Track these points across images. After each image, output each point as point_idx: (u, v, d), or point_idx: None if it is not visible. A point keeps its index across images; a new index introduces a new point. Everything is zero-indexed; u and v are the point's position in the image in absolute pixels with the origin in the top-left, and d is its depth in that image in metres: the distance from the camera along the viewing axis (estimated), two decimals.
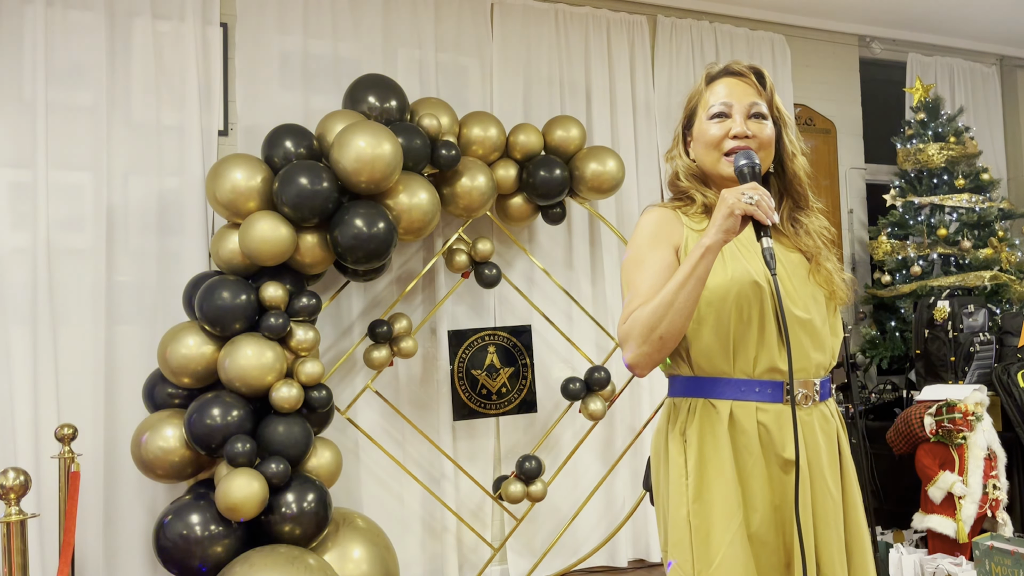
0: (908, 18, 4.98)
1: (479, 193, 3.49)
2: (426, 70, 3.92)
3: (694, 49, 4.56)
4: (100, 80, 3.37)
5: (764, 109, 1.61)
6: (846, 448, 1.63)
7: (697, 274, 1.43)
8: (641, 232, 1.63)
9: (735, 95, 1.61)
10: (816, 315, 1.58)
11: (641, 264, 1.57)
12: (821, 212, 1.71)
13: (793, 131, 1.66)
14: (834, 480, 1.57)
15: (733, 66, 1.65)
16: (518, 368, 3.81)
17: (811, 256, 1.63)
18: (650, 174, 4.37)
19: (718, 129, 1.60)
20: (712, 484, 1.53)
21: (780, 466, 1.53)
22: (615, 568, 4.05)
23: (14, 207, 3.26)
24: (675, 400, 1.64)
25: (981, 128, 5.37)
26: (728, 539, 1.49)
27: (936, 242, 4.52)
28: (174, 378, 3.07)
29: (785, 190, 1.68)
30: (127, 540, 3.32)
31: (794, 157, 1.65)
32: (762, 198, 1.42)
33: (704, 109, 1.64)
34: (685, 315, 1.45)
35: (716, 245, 1.43)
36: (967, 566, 3.18)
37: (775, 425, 1.53)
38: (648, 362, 1.50)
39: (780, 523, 1.53)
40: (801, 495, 1.50)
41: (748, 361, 1.54)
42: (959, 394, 3.44)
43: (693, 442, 1.56)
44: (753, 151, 1.55)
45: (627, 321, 1.51)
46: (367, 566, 3.13)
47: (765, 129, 1.60)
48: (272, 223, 3.03)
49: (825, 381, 1.63)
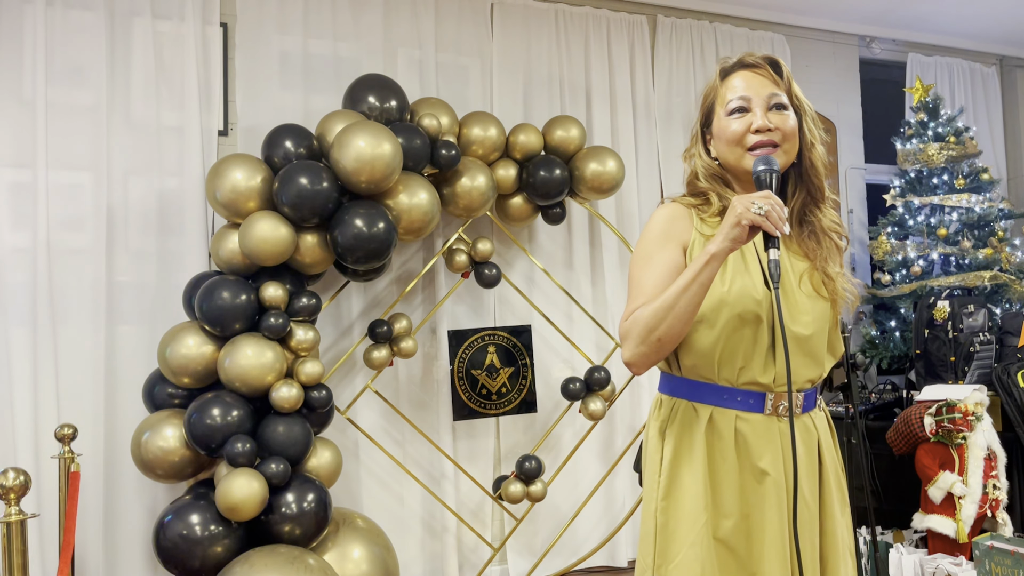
0: (908, 18, 4.98)
1: (479, 193, 3.49)
2: (426, 70, 3.92)
3: (694, 49, 4.56)
4: (100, 80, 3.37)
5: (784, 99, 1.57)
6: (827, 458, 1.62)
7: (700, 280, 1.42)
8: (652, 228, 1.60)
9: (753, 88, 1.57)
10: (816, 331, 1.57)
11: (648, 261, 1.56)
12: (834, 206, 1.68)
13: (812, 120, 1.61)
14: (811, 490, 1.57)
15: (747, 58, 1.61)
16: (518, 368, 3.81)
17: (816, 263, 1.61)
18: (650, 174, 4.37)
19: (739, 124, 1.56)
20: (683, 484, 1.54)
21: (754, 476, 1.53)
22: (615, 568, 4.05)
23: (14, 207, 3.26)
24: (662, 396, 1.65)
25: (981, 128, 5.37)
26: (691, 540, 1.50)
27: (936, 242, 4.52)
28: (174, 378, 3.07)
29: (800, 180, 1.63)
30: (127, 540, 3.32)
31: (812, 147, 1.60)
32: (773, 208, 1.39)
33: (722, 105, 1.60)
34: (685, 320, 1.45)
35: (722, 253, 1.42)
36: (967, 566, 3.18)
37: (753, 435, 1.53)
38: (645, 362, 1.50)
39: (748, 531, 1.53)
40: (778, 504, 1.51)
41: (733, 371, 1.54)
42: (959, 394, 3.43)
43: (670, 441, 1.57)
44: (774, 155, 1.52)
45: (628, 319, 1.51)
46: (367, 566, 3.13)
47: (788, 120, 1.56)
48: (272, 223, 3.03)
49: (810, 393, 1.61)
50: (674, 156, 4.42)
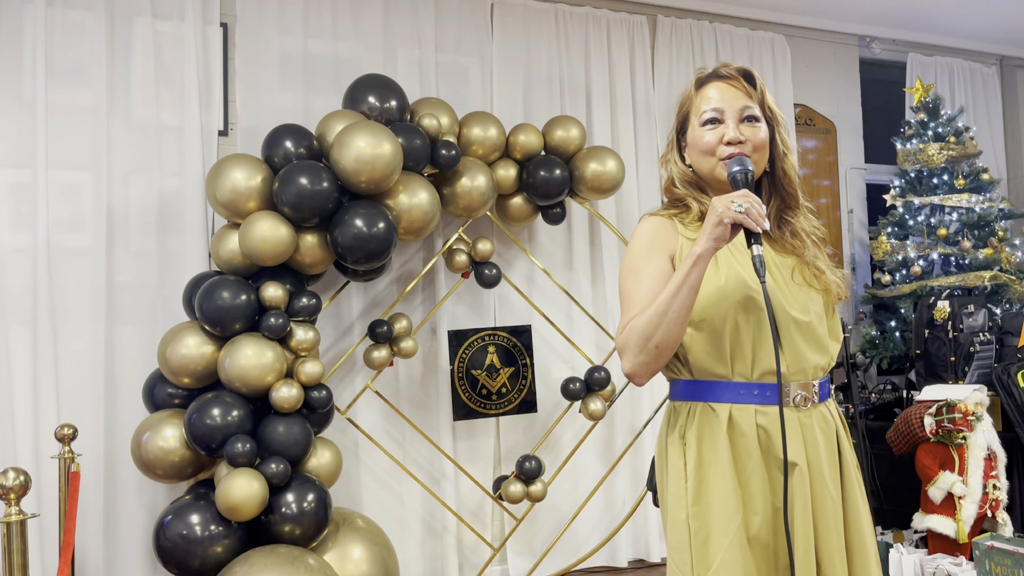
0: (908, 18, 4.98)
1: (479, 193, 3.49)
2: (426, 70, 3.92)
3: (694, 49, 4.56)
4: (100, 80, 3.37)
5: (756, 111, 1.61)
6: (846, 448, 1.63)
7: (689, 282, 1.44)
8: (637, 242, 1.64)
9: (726, 100, 1.61)
10: (814, 317, 1.59)
11: (637, 274, 1.59)
12: (811, 212, 1.71)
13: (785, 130, 1.66)
14: (833, 481, 1.57)
15: (721, 70, 1.66)
16: (518, 368, 3.81)
17: (801, 256, 1.63)
18: (650, 174, 4.37)
19: (712, 136, 1.60)
20: (711, 487, 1.53)
21: (779, 468, 1.53)
22: (615, 568, 4.05)
23: (14, 207, 3.26)
24: (675, 404, 1.64)
25: (981, 128, 5.37)
26: (727, 542, 1.49)
27: (936, 242, 4.52)
28: (174, 378, 3.07)
29: (775, 189, 1.67)
30: (127, 540, 3.32)
31: (785, 156, 1.65)
32: (752, 205, 1.42)
33: (696, 115, 1.64)
34: (679, 324, 1.46)
35: (707, 253, 1.44)
36: (967, 566, 3.18)
37: (774, 427, 1.53)
38: (646, 371, 1.51)
39: (779, 525, 1.53)
40: (801, 496, 1.51)
41: (746, 364, 1.55)
42: (959, 394, 3.43)
43: (692, 445, 1.56)
44: (747, 157, 1.56)
45: (624, 331, 1.53)
46: (367, 566, 3.13)
47: (759, 132, 1.60)
48: (272, 223, 3.03)
49: (824, 382, 1.63)
50: None
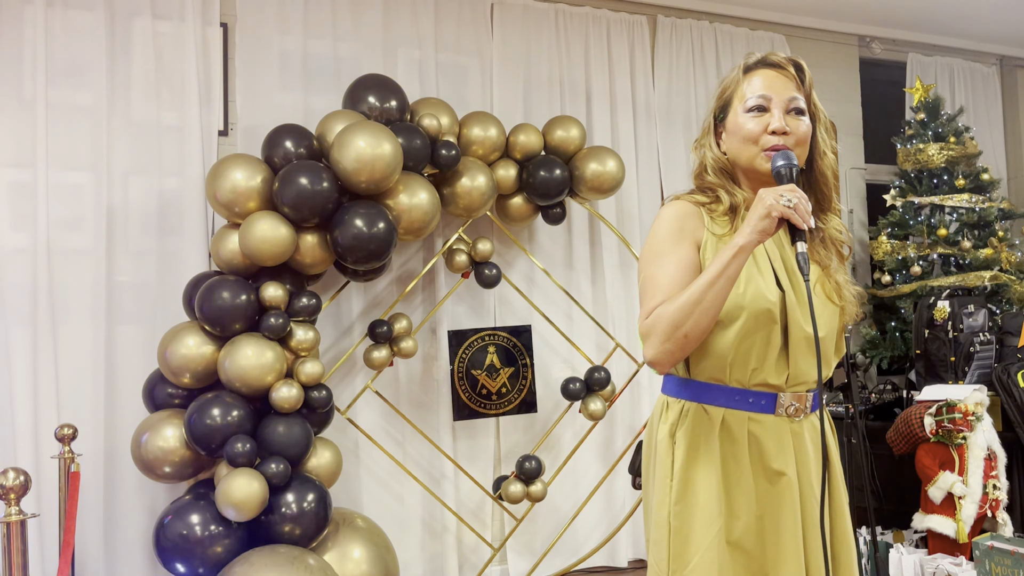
0: (908, 18, 4.98)
1: (479, 193, 3.49)
2: (426, 70, 3.92)
3: (694, 49, 4.55)
4: (100, 80, 3.37)
5: (803, 104, 1.56)
6: (835, 458, 1.63)
7: (728, 274, 1.41)
8: (663, 225, 1.57)
9: (774, 88, 1.55)
10: (828, 333, 1.58)
11: (662, 258, 1.53)
12: (838, 213, 1.67)
13: (825, 128, 1.60)
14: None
15: (771, 57, 1.59)
16: (518, 368, 3.81)
17: (826, 267, 1.61)
18: (650, 174, 4.37)
19: (756, 124, 1.54)
20: (696, 488, 1.52)
21: (767, 477, 1.53)
22: (615, 568, 4.05)
23: (14, 207, 3.26)
24: (668, 399, 1.62)
25: (981, 128, 5.37)
26: (706, 543, 1.49)
27: (936, 242, 4.52)
28: (174, 378, 3.07)
29: (809, 188, 1.61)
30: (127, 540, 3.32)
31: (824, 155, 1.59)
32: (800, 201, 1.39)
33: (740, 101, 1.57)
34: (712, 314, 1.43)
35: (750, 245, 1.41)
36: (967, 566, 3.18)
37: (766, 436, 1.52)
38: (670, 360, 1.48)
39: (763, 533, 1.52)
40: (791, 505, 1.51)
41: (745, 373, 1.53)
42: (959, 394, 3.43)
43: (682, 445, 1.55)
44: (792, 151, 1.51)
45: (649, 317, 1.48)
46: (367, 566, 3.13)
47: (802, 126, 1.55)
48: (272, 223, 3.03)
49: (816, 393, 1.62)
50: (674, 156, 4.42)
